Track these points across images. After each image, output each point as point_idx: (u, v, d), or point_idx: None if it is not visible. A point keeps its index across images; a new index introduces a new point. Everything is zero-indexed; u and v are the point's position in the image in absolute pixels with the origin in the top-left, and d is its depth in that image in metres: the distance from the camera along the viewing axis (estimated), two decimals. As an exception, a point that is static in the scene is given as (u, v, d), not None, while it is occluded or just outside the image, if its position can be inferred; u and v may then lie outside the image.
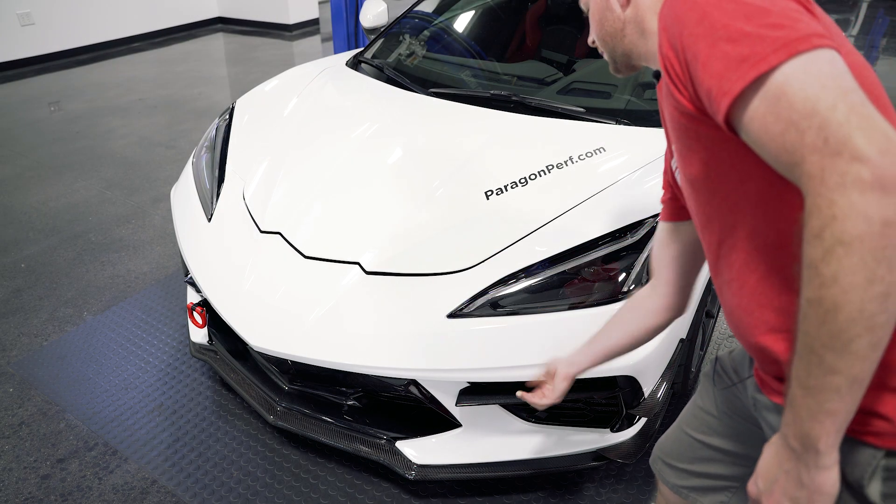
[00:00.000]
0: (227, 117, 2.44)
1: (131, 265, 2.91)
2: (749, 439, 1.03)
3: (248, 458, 1.91)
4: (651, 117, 2.03)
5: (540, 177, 1.82)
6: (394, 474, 1.83)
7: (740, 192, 0.77)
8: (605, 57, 1.02)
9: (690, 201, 0.89)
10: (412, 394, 1.61)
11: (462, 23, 2.88)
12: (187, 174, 2.30)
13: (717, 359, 1.09)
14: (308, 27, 7.84)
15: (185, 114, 4.86)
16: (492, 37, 2.82)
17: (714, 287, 0.94)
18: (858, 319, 0.59)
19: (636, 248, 1.60)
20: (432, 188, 1.84)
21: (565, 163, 1.84)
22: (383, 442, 1.71)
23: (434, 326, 1.55)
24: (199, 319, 1.97)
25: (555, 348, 1.51)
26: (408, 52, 2.72)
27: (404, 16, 2.93)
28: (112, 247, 3.06)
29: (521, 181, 1.81)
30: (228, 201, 2.04)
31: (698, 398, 1.12)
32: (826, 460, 0.67)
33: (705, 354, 2.19)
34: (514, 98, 2.18)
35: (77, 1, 6.32)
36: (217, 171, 2.18)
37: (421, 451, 1.68)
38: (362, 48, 2.87)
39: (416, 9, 2.96)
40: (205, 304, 1.96)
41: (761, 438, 0.94)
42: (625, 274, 1.57)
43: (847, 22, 8.01)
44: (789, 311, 0.76)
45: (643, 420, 1.69)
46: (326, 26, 7.80)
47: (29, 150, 4.19)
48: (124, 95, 5.30)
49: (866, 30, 7.64)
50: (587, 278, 1.58)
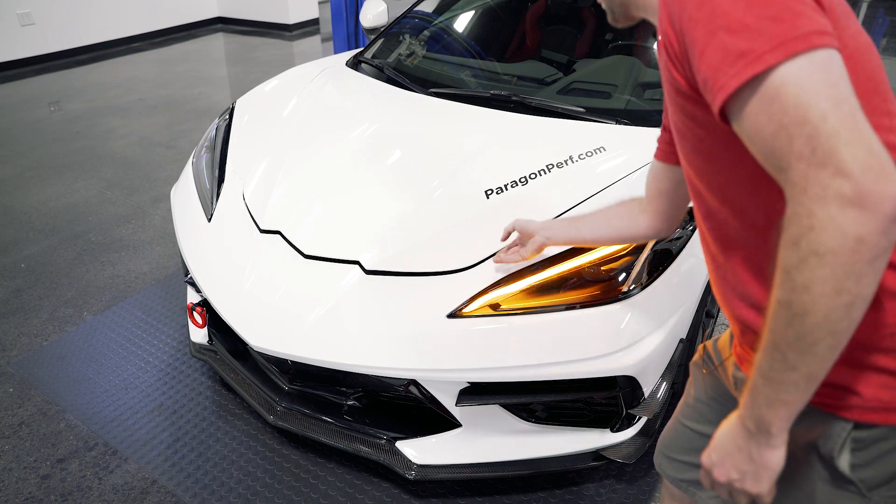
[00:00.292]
0: (227, 117, 2.44)
1: (131, 265, 2.91)
2: None
3: (248, 458, 1.91)
4: (651, 117, 2.03)
5: (540, 176, 1.82)
6: (394, 474, 1.83)
7: (732, 172, 0.78)
8: (604, 6, 1.00)
9: (684, 168, 0.90)
10: (412, 394, 1.61)
11: (462, 23, 2.88)
12: (187, 174, 2.30)
13: (703, 346, 1.11)
14: (308, 27, 7.84)
15: (185, 114, 4.86)
16: (492, 37, 2.82)
17: (702, 252, 0.95)
18: (823, 325, 0.62)
19: (636, 248, 1.60)
20: (432, 187, 1.84)
21: (565, 162, 1.84)
22: (383, 442, 1.71)
23: (434, 326, 1.55)
24: (199, 319, 1.97)
25: (555, 348, 1.52)
26: (408, 52, 2.72)
27: (404, 16, 2.93)
28: (112, 247, 3.06)
29: (522, 180, 1.81)
30: (228, 201, 2.04)
31: (690, 388, 1.14)
32: (776, 441, 0.73)
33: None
34: (514, 98, 2.18)
35: (77, 1, 6.32)
36: (217, 171, 2.18)
37: (421, 451, 1.68)
38: (362, 48, 2.87)
39: (416, 9, 2.96)
40: (205, 304, 1.96)
41: None
42: (625, 274, 1.57)
43: (847, 22, 7.99)
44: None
45: (643, 420, 1.69)
46: (326, 26, 7.80)
47: (29, 150, 4.19)
48: (124, 95, 5.30)
49: (866, 29, 7.62)
50: (587, 278, 1.58)
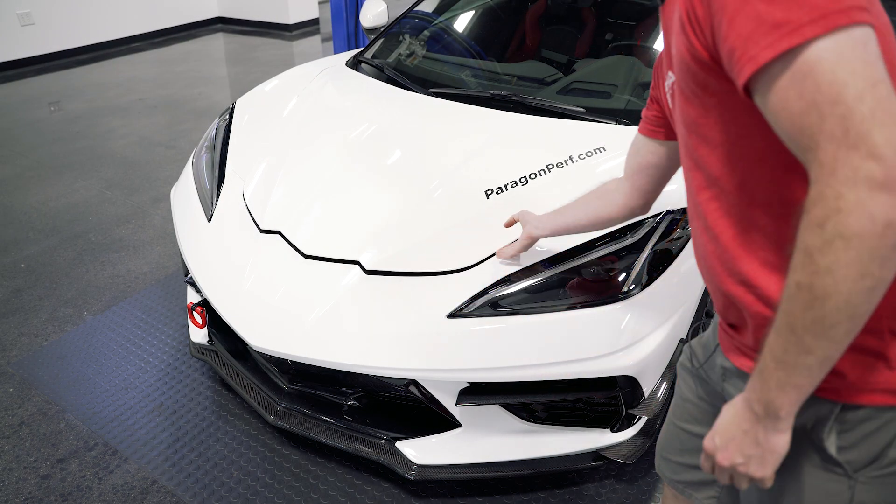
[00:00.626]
0: (227, 117, 2.44)
1: (131, 265, 2.91)
2: None
3: (248, 458, 1.91)
4: (651, 117, 2.02)
5: (540, 176, 1.82)
6: (394, 474, 1.83)
7: (738, 146, 0.76)
8: None
9: (682, 139, 0.87)
10: (412, 394, 1.61)
11: (462, 23, 2.88)
12: (187, 174, 2.30)
13: (689, 345, 1.10)
14: (308, 27, 7.84)
15: (185, 114, 4.86)
16: (492, 37, 2.82)
17: (689, 224, 0.94)
18: (844, 309, 0.61)
19: (636, 248, 1.60)
20: (432, 187, 1.84)
21: (565, 162, 1.84)
22: (383, 442, 1.71)
23: (434, 326, 1.55)
24: (199, 319, 1.97)
25: (555, 348, 1.52)
26: (408, 52, 2.72)
27: (404, 16, 2.93)
28: (112, 247, 3.06)
29: (521, 180, 1.81)
30: (228, 201, 2.04)
31: (679, 388, 1.13)
32: (783, 425, 0.72)
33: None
34: (514, 98, 2.18)
35: (77, 1, 6.32)
36: (217, 171, 2.18)
37: (421, 451, 1.68)
38: (362, 48, 2.87)
39: (416, 9, 2.96)
40: (205, 304, 1.96)
41: None
42: (625, 274, 1.57)
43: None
44: (764, 269, 0.78)
45: (643, 420, 1.69)
46: (326, 26, 7.80)
47: (29, 150, 4.19)
48: (124, 95, 5.30)
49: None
50: (587, 278, 1.58)
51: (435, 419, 1.69)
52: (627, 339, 1.52)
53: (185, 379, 2.21)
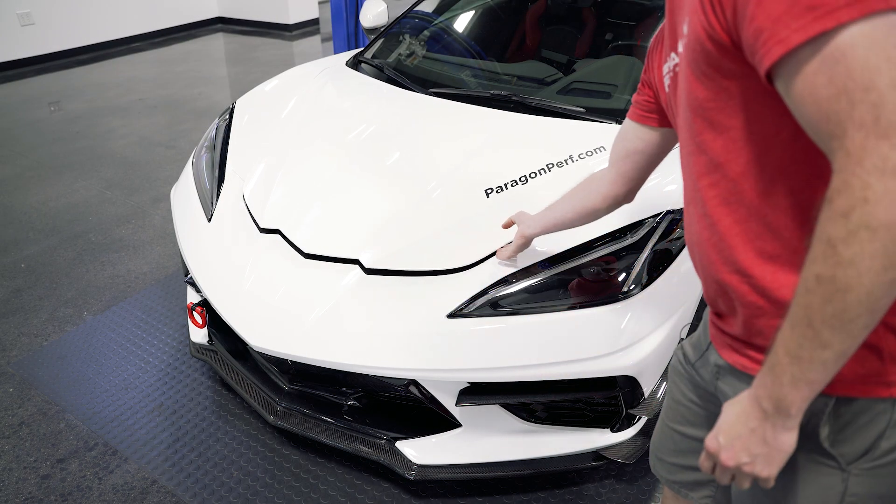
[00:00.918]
0: (227, 117, 2.44)
1: (131, 265, 2.91)
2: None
3: (248, 458, 1.91)
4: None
5: (540, 175, 1.82)
6: (394, 474, 1.83)
7: (746, 132, 0.74)
8: None
9: (684, 121, 0.84)
10: (412, 394, 1.61)
11: (462, 23, 2.88)
12: (187, 174, 2.30)
13: (681, 346, 1.10)
14: (308, 27, 7.84)
15: (185, 114, 4.86)
16: (492, 37, 2.82)
17: (683, 213, 0.93)
18: (865, 301, 0.60)
19: (636, 248, 1.60)
20: (431, 187, 1.84)
21: (566, 161, 1.84)
22: (383, 442, 1.71)
23: (434, 326, 1.55)
24: (199, 319, 1.97)
25: (555, 348, 1.52)
26: (408, 52, 2.72)
27: (404, 16, 2.93)
28: (112, 247, 3.06)
29: (521, 179, 1.81)
30: (228, 201, 2.04)
31: (670, 391, 1.12)
32: (792, 423, 0.71)
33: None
34: (514, 98, 2.18)
35: (77, 1, 6.32)
36: (217, 171, 2.18)
37: (421, 451, 1.68)
38: (362, 48, 2.87)
39: (416, 9, 2.96)
40: (205, 304, 1.96)
41: None
42: (625, 274, 1.57)
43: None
44: (760, 259, 0.77)
45: (643, 420, 1.69)
46: (326, 26, 7.80)
47: (29, 150, 4.19)
48: (124, 95, 5.30)
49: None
50: (587, 278, 1.58)
51: (435, 419, 1.69)
52: (627, 339, 1.52)
53: (185, 379, 2.21)
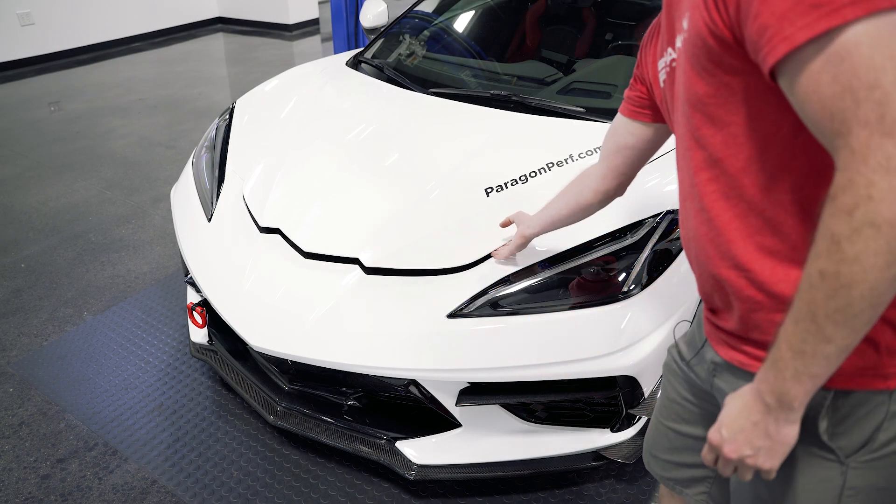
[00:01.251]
0: (227, 117, 2.44)
1: (131, 265, 2.91)
2: (711, 421, 1.03)
3: (248, 458, 1.91)
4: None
5: (540, 174, 1.82)
6: (394, 474, 1.83)
7: (746, 128, 0.74)
8: None
9: (683, 117, 0.83)
10: (412, 394, 1.61)
11: (462, 23, 2.88)
12: (187, 174, 2.30)
13: (675, 343, 1.10)
14: (308, 27, 7.84)
15: (185, 114, 4.86)
16: (492, 37, 2.82)
17: (679, 208, 0.93)
18: (868, 297, 0.60)
19: (636, 248, 1.60)
20: (431, 186, 1.84)
21: (566, 161, 1.84)
22: (383, 442, 1.71)
23: (434, 326, 1.55)
24: (199, 319, 1.97)
25: (555, 348, 1.52)
26: (408, 52, 2.72)
27: (404, 16, 2.93)
28: (112, 247, 3.06)
29: (522, 178, 1.81)
30: (228, 201, 2.04)
31: (664, 389, 1.13)
32: (794, 416, 0.72)
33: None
34: (513, 98, 2.18)
35: (77, 1, 6.32)
36: (217, 171, 2.18)
37: (421, 451, 1.68)
38: (362, 48, 2.87)
39: (416, 9, 2.96)
40: (205, 304, 1.96)
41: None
42: (625, 274, 1.57)
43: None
44: (759, 254, 0.77)
45: (643, 420, 1.69)
46: (326, 26, 7.80)
47: (29, 150, 4.19)
48: (124, 95, 5.30)
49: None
50: (587, 278, 1.58)
51: (435, 419, 1.69)
52: (627, 339, 1.52)
53: (185, 379, 2.21)
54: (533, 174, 1.82)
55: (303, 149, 2.12)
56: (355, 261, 1.68)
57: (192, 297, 2.09)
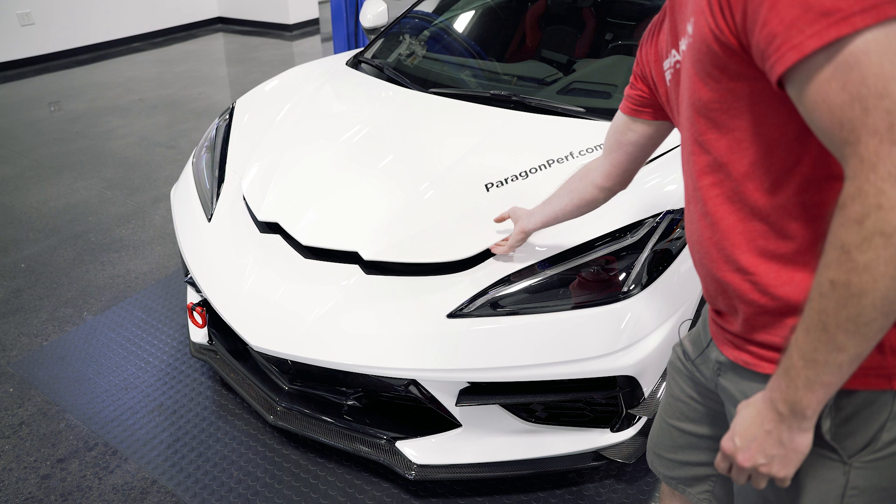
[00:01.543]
0: (227, 117, 2.44)
1: (131, 265, 2.91)
2: (716, 420, 1.03)
3: (248, 458, 1.91)
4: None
5: (541, 171, 1.82)
6: (394, 474, 1.83)
7: (751, 133, 0.74)
8: None
9: (686, 120, 0.83)
10: (412, 394, 1.61)
11: (462, 23, 2.88)
12: (187, 174, 2.30)
13: (680, 342, 1.10)
14: (308, 27, 7.84)
15: (185, 114, 4.86)
16: (492, 37, 2.82)
17: (684, 211, 0.93)
18: (880, 306, 0.60)
19: (636, 248, 1.60)
20: (432, 181, 1.84)
21: (566, 158, 1.85)
22: (383, 442, 1.71)
23: (434, 326, 1.55)
24: (199, 319, 1.98)
25: (555, 348, 1.52)
26: (408, 52, 2.72)
27: (404, 16, 2.93)
28: (112, 247, 3.06)
29: (522, 174, 1.82)
30: (228, 201, 2.04)
31: (669, 387, 1.13)
32: (808, 424, 0.72)
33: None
34: (513, 98, 2.19)
35: (77, 1, 6.32)
36: (217, 171, 2.19)
37: (421, 451, 1.68)
38: (362, 48, 2.87)
39: (416, 9, 2.96)
40: (205, 304, 1.96)
41: (726, 418, 0.96)
42: (625, 274, 1.57)
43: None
44: (762, 258, 0.78)
45: (643, 420, 1.69)
46: (326, 26, 7.80)
47: (29, 150, 4.19)
48: (124, 95, 5.30)
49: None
50: (587, 278, 1.58)
51: (435, 419, 1.69)
52: (627, 339, 1.52)
53: (185, 379, 2.21)
54: (533, 170, 1.82)
55: (303, 145, 2.12)
56: (355, 255, 1.68)
57: (192, 297, 2.10)
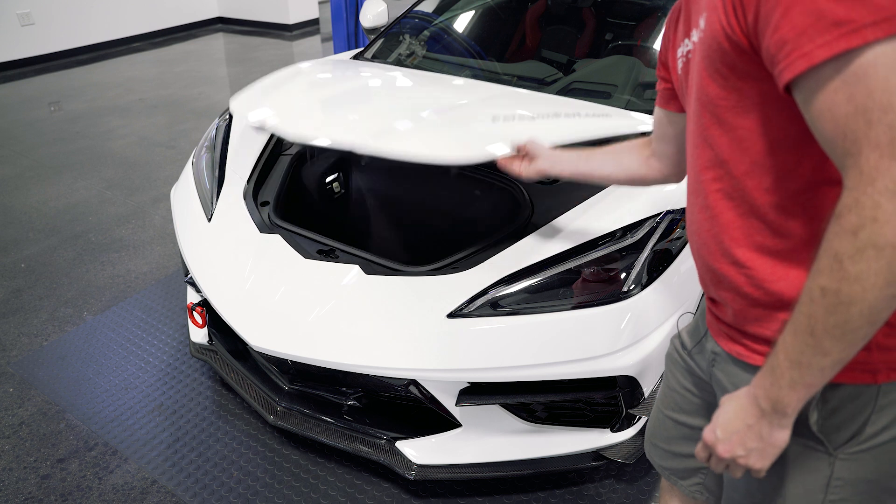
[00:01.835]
0: (227, 117, 2.44)
1: (131, 265, 2.91)
2: (710, 412, 1.03)
3: (248, 458, 1.91)
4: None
5: (548, 119, 1.77)
6: (394, 474, 1.83)
7: (754, 132, 0.74)
8: None
9: (693, 113, 0.84)
10: (412, 394, 1.61)
11: (462, 23, 2.88)
12: (187, 174, 2.30)
13: (678, 334, 1.10)
14: (308, 27, 7.84)
15: (185, 114, 4.86)
16: (492, 37, 2.82)
17: (686, 201, 0.92)
18: (867, 315, 0.62)
19: (636, 248, 1.60)
20: (436, 110, 1.84)
21: (574, 115, 1.84)
22: (383, 442, 1.71)
23: (434, 326, 1.55)
24: (199, 319, 1.98)
25: (555, 348, 1.52)
26: (408, 51, 2.71)
27: (404, 16, 2.93)
28: (112, 247, 3.06)
29: (529, 116, 1.78)
30: (228, 201, 2.04)
31: (666, 378, 1.14)
32: (788, 421, 0.75)
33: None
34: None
35: (77, 1, 6.32)
36: (217, 171, 2.18)
37: (421, 451, 1.68)
38: (362, 48, 2.87)
39: (416, 9, 2.96)
40: (205, 304, 1.96)
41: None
42: (625, 274, 1.57)
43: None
44: (758, 253, 0.79)
45: (643, 420, 1.69)
46: (326, 26, 7.80)
47: (29, 150, 4.19)
48: (124, 95, 5.30)
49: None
50: (587, 278, 1.58)
51: (435, 419, 1.69)
52: (627, 339, 1.52)
53: (185, 379, 2.21)
54: (541, 117, 1.78)
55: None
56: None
57: (192, 297, 2.09)
